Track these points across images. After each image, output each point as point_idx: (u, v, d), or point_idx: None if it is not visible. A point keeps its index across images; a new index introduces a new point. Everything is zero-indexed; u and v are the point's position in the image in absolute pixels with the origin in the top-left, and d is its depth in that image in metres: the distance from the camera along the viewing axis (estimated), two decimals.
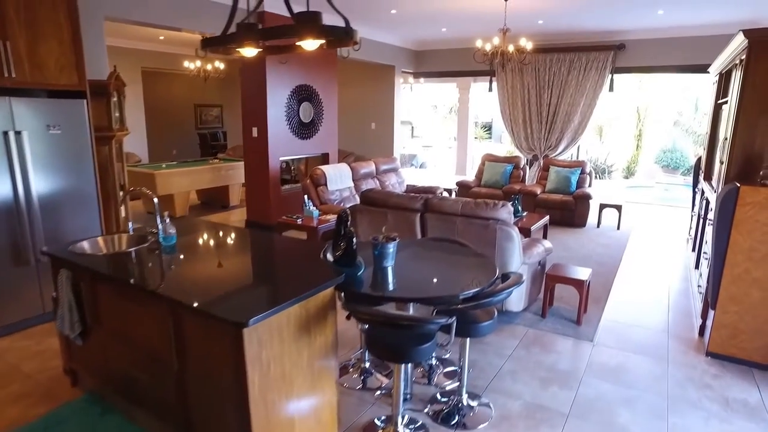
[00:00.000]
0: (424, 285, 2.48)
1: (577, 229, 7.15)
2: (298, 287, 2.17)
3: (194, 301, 2.02)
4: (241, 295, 2.14)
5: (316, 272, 2.44)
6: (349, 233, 2.48)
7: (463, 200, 3.77)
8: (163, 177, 7.25)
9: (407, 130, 24.20)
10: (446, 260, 2.85)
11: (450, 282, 2.52)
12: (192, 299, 2.05)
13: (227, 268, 2.56)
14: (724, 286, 3.24)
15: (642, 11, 6.40)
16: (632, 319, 4.08)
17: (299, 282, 2.29)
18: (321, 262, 2.56)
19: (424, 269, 2.72)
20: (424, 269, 2.72)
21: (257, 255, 2.88)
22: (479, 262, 2.72)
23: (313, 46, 2.33)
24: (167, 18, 5.02)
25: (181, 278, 2.41)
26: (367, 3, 6.38)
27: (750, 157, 3.43)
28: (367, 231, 4.26)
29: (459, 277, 2.58)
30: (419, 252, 2.99)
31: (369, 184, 6.85)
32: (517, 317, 3.99)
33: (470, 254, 2.86)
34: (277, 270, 2.62)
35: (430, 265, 2.81)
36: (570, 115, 8.35)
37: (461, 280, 2.52)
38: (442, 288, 2.42)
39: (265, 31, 2.18)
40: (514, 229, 3.56)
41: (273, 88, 6.48)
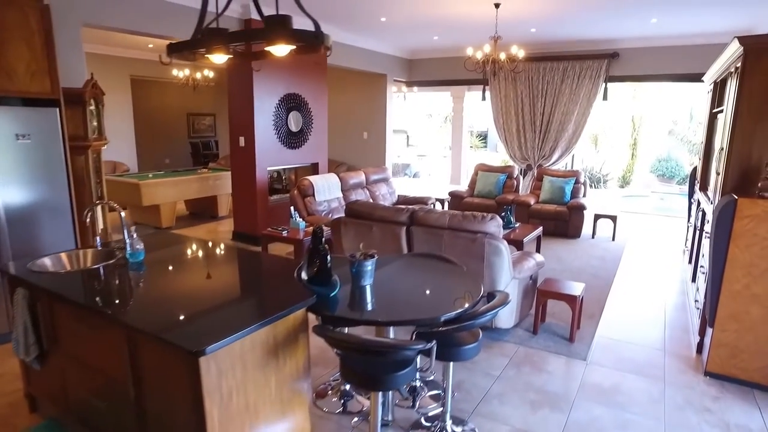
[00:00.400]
0: (403, 305, 2.32)
1: (572, 240, 7.01)
2: (265, 310, 2.02)
3: (150, 325, 1.86)
4: (203, 319, 1.98)
5: (287, 293, 2.28)
6: (324, 250, 2.32)
7: (450, 213, 3.63)
8: (148, 187, 7.08)
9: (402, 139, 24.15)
10: (429, 278, 2.70)
11: (432, 302, 2.37)
12: (147, 323, 1.89)
13: (193, 287, 2.41)
14: (723, 302, 3.10)
15: (635, 19, 6.31)
16: (627, 335, 3.92)
17: (267, 304, 2.14)
18: (294, 281, 2.41)
19: (405, 288, 2.57)
20: (405, 288, 2.57)
21: (227, 273, 2.71)
22: (464, 280, 2.56)
23: (283, 51, 2.19)
24: (146, 25, 4.88)
25: (142, 299, 2.25)
26: (356, 11, 6.27)
27: (747, 168, 3.29)
28: (353, 244, 4.10)
29: (442, 297, 2.43)
30: (401, 268, 2.84)
31: (359, 194, 6.71)
32: (508, 334, 3.83)
33: (455, 271, 2.71)
34: (246, 290, 2.46)
35: (411, 283, 2.65)
36: (564, 124, 8.25)
37: (444, 300, 2.37)
38: (423, 309, 2.26)
39: (232, 36, 2.04)
40: (503, 243, 3.41)
41: (260, 97, 6.35)
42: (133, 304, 2.17)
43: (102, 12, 4.54)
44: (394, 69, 9.33)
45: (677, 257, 6.24)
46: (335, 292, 2.28)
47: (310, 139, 7.23)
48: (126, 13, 4.68)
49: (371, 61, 8.65)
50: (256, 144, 6.39)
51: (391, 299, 2.40)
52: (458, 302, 2.26)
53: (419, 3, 5.74)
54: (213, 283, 2.49)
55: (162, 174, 8.29)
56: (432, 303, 2.35)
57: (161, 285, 2.44)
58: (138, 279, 2.48)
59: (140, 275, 2.53)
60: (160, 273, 2.60)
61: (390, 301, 2.38)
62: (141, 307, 2.13)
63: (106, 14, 4.57)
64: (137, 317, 1.97)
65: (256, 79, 6.22)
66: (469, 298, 2.30)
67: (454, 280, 2.63)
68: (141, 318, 1.96)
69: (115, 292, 2.32)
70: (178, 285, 2.46)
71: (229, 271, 2.73)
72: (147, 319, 1.95)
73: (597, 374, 3.30)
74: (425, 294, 2.48)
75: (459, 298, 2.35)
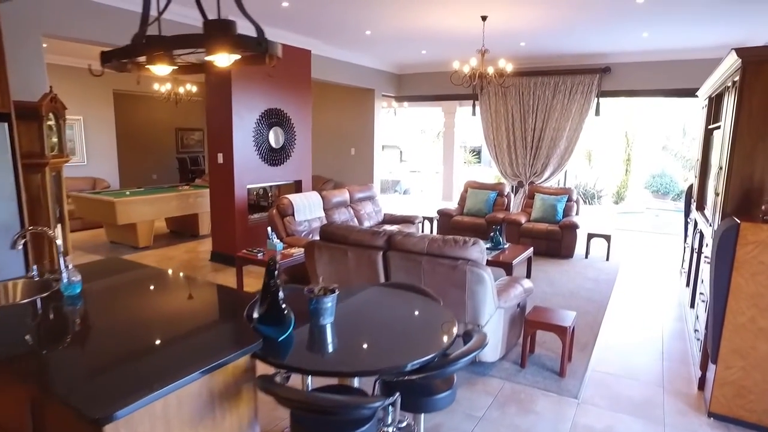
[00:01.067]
0: (367, 349, 2.03)
1: (564, 260, 6.74)
2: (199, 358, 1.72)
3: (58, 381, 1.57)
4: (124, 371, 1.68)
5: (231, 335, 1.99)
6: (274, 287, 2.04)
7: (429, 237, 3.35)
8: (123, 205, 6.79)
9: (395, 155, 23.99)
10: (400, 314, 2.41)
11: (399, 345, 2.08)
12: (55, 378, 1.59)
13: (124, 327, 2.10)
14: (726, 337, 2.82)
15: (626, 33, 6.14)
16: (622, 369, 3.63)
17: (204, 350, 1.84)
18: (243, 321, 2.11)
19: (371, 326, 2.28)
20: (371, 326, 2.28)
21: (166, 311, 2.36)
22: (438, 317, 2.28)
23: (225, 60, 1.93)
24: (110, 36, 4.58)
25: (61, 344, 1.95)
26: (340, 24, 6.07)
27: (749, 189, 3.05)
28: (327, 270, 3.82)
29: (411, 339, 2.14)
30: (368, 302, 2.55)
31: (342, 213, 6.43)
32: (493, 368, 3.53)
33: (429, 306, 2.42)
34: (182, 332, 2.09)
35: (378, 320, 2.36)
36: (556, 140, 8.04)
37: (413, 343, 2.08)
38: (387, 354, 1.97)
39: (166, 41, 1.78)
40: (486, 271, 3.13)
41: (240, 112, 6.11)
42: (48, 351, 1.87)
43: (63, 22, 4.30)
44: (382, 84, 9.14)
45: (674, 278, 5.97)
46: (285, 335, 1.99)
47: (292, 155, 6.97)
48: (88, 23, 4.42)
49: (358, 76, 8.45)
50: (234, 161, 6.13)
51: (353, 341, 2.11)
52: (428, 346, 1.98)
53: (403, 15, 5.54)
54: (147, 322, 2.18)
55: (141, 191, 8.01)
56: (399, 346, 2.06)
57: (90, 325, 2.14)
58: (67, 317, 2.18)
59: (72, 312, 2.23)
60: (95, 309, 2.31)
61: (352, 343, 2.10)
62: (57, 355, 1.83)
63: (68, 25, 4.33)
64: (45, 370, 1.68)
65: (235, 93, 5.99)
66: (442, 339, 2.02)
67: (428, 317, 2.34)
68: (51, 371, 1.67)
69: (32, 334, 2.02)
70: (109, 325, 2.16)
71: (169, 308, 2.41)
72: (57, 373, 1.65)
73: (589, 415, 3.00)
74: (393, 335, 2.19)
75: (430, 340, 2.07)
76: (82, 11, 4.40)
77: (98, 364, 1.74)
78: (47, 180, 4.01)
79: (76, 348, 1.90)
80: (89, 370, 1.69)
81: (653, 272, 6.29)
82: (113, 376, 1.65)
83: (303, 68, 6.99)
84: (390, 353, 2.00)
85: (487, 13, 5.33)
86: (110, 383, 1.59)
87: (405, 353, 1.95)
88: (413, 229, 6.76)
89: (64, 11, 4.31)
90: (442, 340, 2.02)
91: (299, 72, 6.93)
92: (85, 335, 2.04)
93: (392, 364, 1.84)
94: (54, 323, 2.14)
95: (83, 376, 1.65)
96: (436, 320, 2.27)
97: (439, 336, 2.07)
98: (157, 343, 1.93)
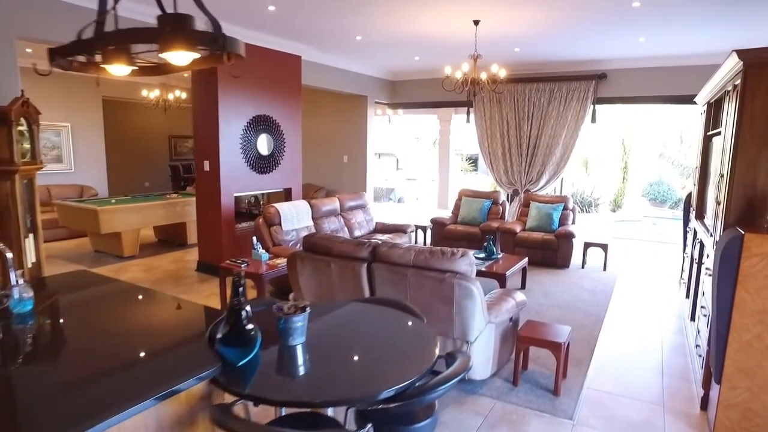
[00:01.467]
0: (338, 375, 1.85)
1: (560, 270, 6.56)
2: (144, 388, 1.54)
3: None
4: (54, 405, 1.49)
5: (186, 360, 1.81)
6: (236, 305, 1.86)
7: (416, 248, 3.18)
8: (107, 213, 6.60)
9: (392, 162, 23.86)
10: (378, 334, 2.23)
11: (374, 370, 1.89)
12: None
13: (69, 353, 1.92)
14: (731, 355, 2.64)
15: (622, 39, 6.01)
16: (620, 386, 3.44)
17: (153, 377, 1.66)
18: (203, 341, 1.93)
19: (346, 348, 2.09)
20: (346, 348, 2.09)
21: (122, 331, 2.15)
22: (420, 338, 2.10)
23: (183, 59, 1.77)
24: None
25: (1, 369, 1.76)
26: (330, 29, 5.93)
27: (752, 198, 2.88)
28: (310, 283, 3.63)
29: (388, 362, 1.96)
30: (347, 320, 2.37)
31: (332, 222, 6.26)
32: (483, 386, 3.34)
33: (411, 325, 2.24)
34: (134, 358, 1.87)
35: (355, 340, 2.18)
36: (551, 148, 7.89)
37: (389, 368, 1.90)
38: (362, 380, 1.79)
39: (113, 36, 1.62)
40: (475, 284, 2.96)
41: (227, 118, 5.95)
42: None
43: (37, 25, 4.14)
44: (375, 90, 9.00)
45: (673, 289, 5.80)
46: (247, 359, 1.80)
47: (282, 163, 6.80)
48: (63, 26, 4.26)
49: (351, 83, 8.31)
50: (221, 168, 5.96)
51: (325, 364, 1.92)
52: (406, 370, 1.80)
53: (394, 20, 5.40)
54: (97, 345, 1.99)
55: (127, 199, 7.83)
56: (374, 371, 1.88)
57: (33, 349, 1.96)
58: (12, 338, 2.00)
59: (18, 332, 2.05)
60: (43, 330, 2.12)
61: (323, 367, 1.91)
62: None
63: (42, 27, 4.16)
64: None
65: (222, 99, 5.83)
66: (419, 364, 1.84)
67: (408, 337, 2.16)
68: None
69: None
70: (54, 348, 1.97)
71: (126, 328, 2.19)
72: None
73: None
74: (368, 357, 2.00)
75: (408, 364, 1.89)
76: (55, 12, 4.24)
77: (26, 398, 1.55)
78: (17, 188, 3.83)
79: (18, 375, 1.71)
80: (10, 406, 1.51)
81: (651, 283, 6.12)
82: (53, 407, 1.46)
83: (293, 74, 6.84)
84: (363, 379, 1.82)
85: (480, 17, 5.19)
86: (46, 416, 1.41)
87: (380, 379, 1.77)
88: (405, 239, 6.59)
89: (37, 12, 4.15)
90: (420, 365, 1.84)
91: (289, 78, 6.78)
92: (24, 361, 1.85)
93: (363, 393, 1.66)
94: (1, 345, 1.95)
95: (20, 406, 1.47)
96: (416, 341, 2.09)
97: (419, 359, 1.89)
98: (101, 369, 1.74)
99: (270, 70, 6.44)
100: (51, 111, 8.56)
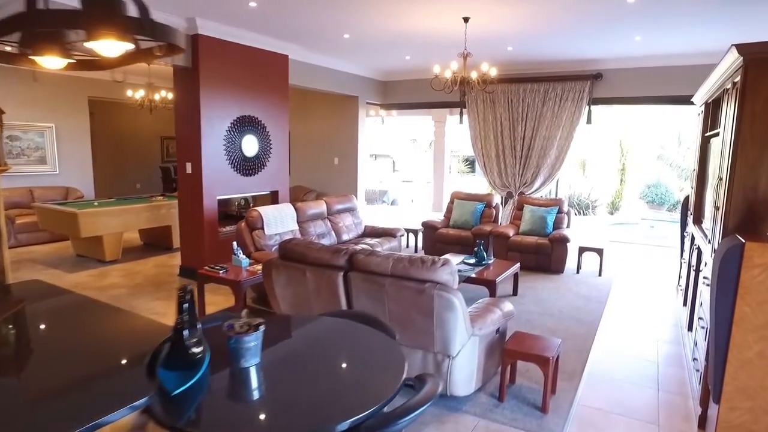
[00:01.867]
0: (292, 402, 1.65)
1: (554, 275, 6.37)
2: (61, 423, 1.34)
3: None
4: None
5: (118, 387, 1.61)
6: (179, 324, 1.66)
7: (395, 256, 2.98)
8: (87, 217, 6.38)
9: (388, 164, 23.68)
10: (343, 354, 2.03)
11: (333, 397, 1.70)
12: None
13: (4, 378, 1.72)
14: (731, 373, 2.45)
15: (618, 37, 5.82)
16: (613, 402, 3.25)
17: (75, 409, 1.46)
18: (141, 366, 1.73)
19: (306, 371, 1.89)
20: (306, 371, 1.89)
21: (59, 352, 1.94)
22: (387, 360, 1.90)
23: (113, 49, 1.57)
24: None
25: None
26: (316, 27, 5.74)
27: (753, 202, 2.69)
28: (285, 292, 3.43)
29: (350, 388, 1.76)
30: (311, 338, 2.17)
31: (318, 226, 6.06)
32: (467, 402, 3.14)
33: (380, 344, 2.04)
34: (61, 384, 1.63)
35: (316, 362, 1.98)
36: (546, 149, 7.70)
37: (351, 394, 1.70)
38: (313, 412, 1.59)
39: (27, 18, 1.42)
40: (457, 296, 2.76)
41: (209, 119, 5.75)
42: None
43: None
44: (366, 91, 8.80)
45: (670, 296, 5.61)
46: (184, 387, 1.60)
47: (268, 165, 6.60)
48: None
49: (341, 83, 8.12)
50: (203, 170, 5.76)
51: (278, 390, 1.73)
52: (366, 398, 1.60)
53: (381, 17, 5.21)
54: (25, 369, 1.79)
55: (111, 202, 7.62)
56: (333, 398, 1.68)
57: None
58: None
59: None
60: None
61: (276, 393, 1.71)
62: None
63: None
64: None
65: (204, 98, 5.64)
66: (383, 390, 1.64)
67: (375, 358, 1.96)
68: None
69: None
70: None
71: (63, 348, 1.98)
72: None
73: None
74: (328, 382, 1.81)
75: (370, 390, 1.69)
76: None
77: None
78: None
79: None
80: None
81: (648, 289, 5.92)
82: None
83: (280, 74, 6.65)
84: (319, 407, 1.62)
85: (469, 14, 5.00)
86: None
87: (337, 408, 1.58)
88: (394, 243, 6.39)
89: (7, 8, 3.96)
90: (384, 391, 1.64)
91: (276, 78, 6.59)
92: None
93: (314, 426, 1.46)
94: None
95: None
96: (383, 363, 1.90)
97: (383, 386, 1.69)
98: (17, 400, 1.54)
99: (255, 70, 6.25)
100: (34, 112, 8.38)
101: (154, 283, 5.94)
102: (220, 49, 5.73)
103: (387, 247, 6.14)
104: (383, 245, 6.10)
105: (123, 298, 5.29)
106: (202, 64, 5.57)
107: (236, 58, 5.98)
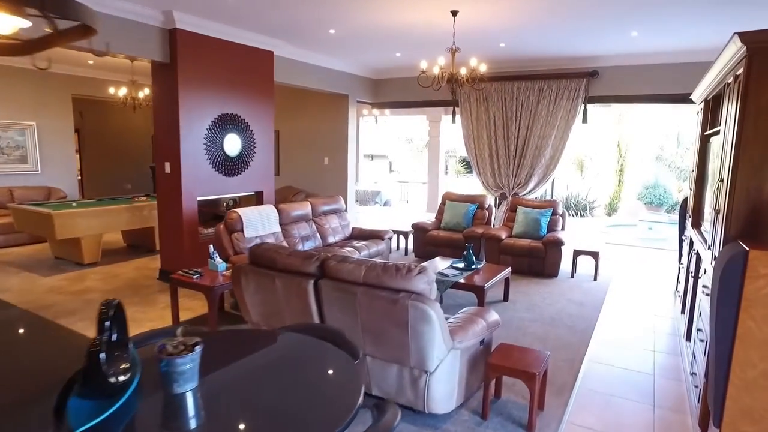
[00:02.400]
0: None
1: (548, 280, 6.14)
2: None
3: None
4: None
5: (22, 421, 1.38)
6: (97, 345, 1.43)
7: (368, 263, 2.75)
8: (63, 218, 6.15)
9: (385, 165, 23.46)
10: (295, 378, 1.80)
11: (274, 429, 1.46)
12: None
13: None
14: (733, 395, 2.22)
15: (614, 33, 5.60)
16: (606, 421, 3.02)
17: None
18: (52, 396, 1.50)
19: (248, 397, 1.66)
20: (248, 397, 1.66)
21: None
22: (341, 385, 1.67)
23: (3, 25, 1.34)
24: None
25: None
26: (302, 23, 5.52)
27: (757, 206, 2.46)
28: (255, 300, 3.20)
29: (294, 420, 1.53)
30: (263, 357, 1.94)
31: (302, 228, 5.82)
32: (447, 420, 2.91)
33: (337, 364, 1.81)
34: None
35: (264, 387, 1.74)
36: (540, 149, 7.47)
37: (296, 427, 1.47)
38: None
39: None
40: (433, 307, 2.53)
41: (189, 116, 5.52)
42: None
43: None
44: (357, 89, 8.57)
45: (667, 302, 5.38)
46: (93, 423, 1.37)
47: (252, 164, 6.37)
48: None
49: (330, 81, 7.89)
50: (182, 170, 5.54)
51: (212, 422, 1.49)
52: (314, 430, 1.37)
53: (367, 11, 4.98)
54: None
55: (92, 202, 7.39)
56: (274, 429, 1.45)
57: None
58: None
59: None
60: None
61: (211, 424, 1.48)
62: None
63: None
64: None
65: (183, 96, 5.41)
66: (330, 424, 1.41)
67: (329, 382, 1.73)
68: None
69: None
70: None
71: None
72: None
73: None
74: (273, 412, 1.57)
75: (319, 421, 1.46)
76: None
77: None
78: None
79: None
80: None
81: (645, 294, 5.70)
82: None
83: (264, 70, 6.42)
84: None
85: (457, 7, 4.78)
86: None
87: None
88: (382, 246, 6.16)
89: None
90: (331, 425, 1.41)
91: (260, 74, 6.36)
92: None
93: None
94: None
95: None
96: (335, 392, 1.66)
97: (330, 419, 1.46)
98: None
99: (238, 66, 6.02)
100: (14, 109, 8.13)
101: (132, 287, 5.71)
102: (199, 44, 5.51)
103: (374, 250, 5.91)
104: (370, 248, 5.87)
105: (96, 303, 5.05)
106: (181, 59, 5.34)
107: (217, 54, 5.75)
